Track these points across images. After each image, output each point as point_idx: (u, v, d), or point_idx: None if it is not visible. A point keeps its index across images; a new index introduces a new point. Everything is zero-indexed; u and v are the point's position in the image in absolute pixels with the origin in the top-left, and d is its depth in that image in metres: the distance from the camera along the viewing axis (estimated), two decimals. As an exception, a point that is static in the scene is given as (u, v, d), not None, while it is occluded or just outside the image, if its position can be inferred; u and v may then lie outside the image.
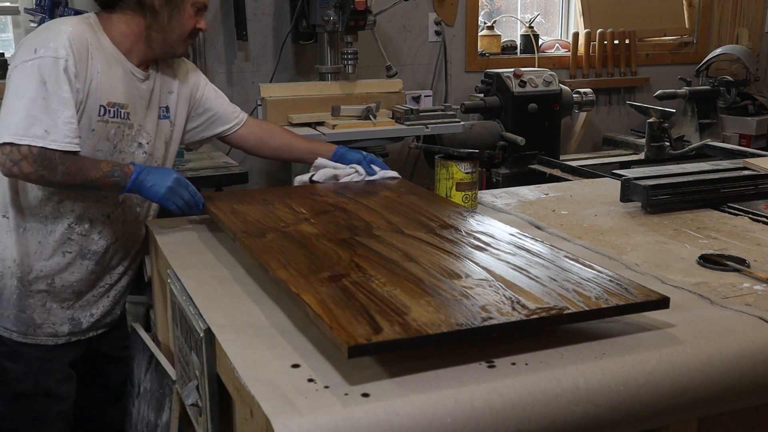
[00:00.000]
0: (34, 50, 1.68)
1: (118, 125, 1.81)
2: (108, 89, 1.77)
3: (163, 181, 1.75)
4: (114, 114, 1.79)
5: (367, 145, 2.98)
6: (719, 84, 4.09)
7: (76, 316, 1.93)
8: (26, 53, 1.69)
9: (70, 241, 1.85)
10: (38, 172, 1.66)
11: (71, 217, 1.84)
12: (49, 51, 1.68)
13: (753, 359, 1.22)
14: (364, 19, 3.05)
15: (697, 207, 2.02)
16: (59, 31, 1.72)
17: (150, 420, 1.78)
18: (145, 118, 1.88)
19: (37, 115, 1.64)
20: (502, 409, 1.06)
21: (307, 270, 1.35)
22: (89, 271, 1.91)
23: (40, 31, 1.76)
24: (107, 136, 1.80)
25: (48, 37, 1.71)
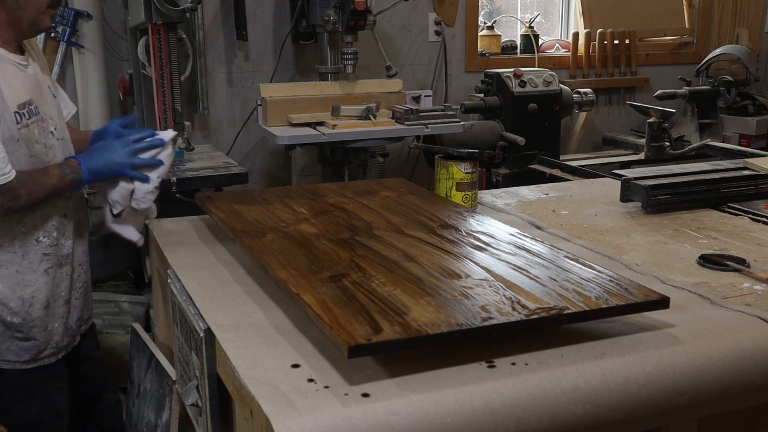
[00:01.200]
0: None
1: (37, 123, 1.70)
2: (10, 92, 1.63)
3: (109, 151, 1.70)
4: (29, 115, 1.67)
5: (367, 145, 2.98)
6: (719, 84, 4.09)
7: (69, 324, 1.85)
8: None
9: (45, 257, 1.75)
10: (4, 205, 1.59)
11: (36, 232, 1.74)
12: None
13: (753, 359, 1.22)
14: (364, 19, 3.05)
15: (697, 207, 2.02)
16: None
17: (150, 420, 1.78)
18: (46, 104, 1.76)
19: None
20: (502, 409, 1.06)
21: (307, 270, 1.35)
22: (69, 275, 1.83)
23: None
24: (35, 139, 1.69)
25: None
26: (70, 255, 1.82)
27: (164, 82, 2.78)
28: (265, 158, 3.56)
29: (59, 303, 1.80)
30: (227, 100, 3.50)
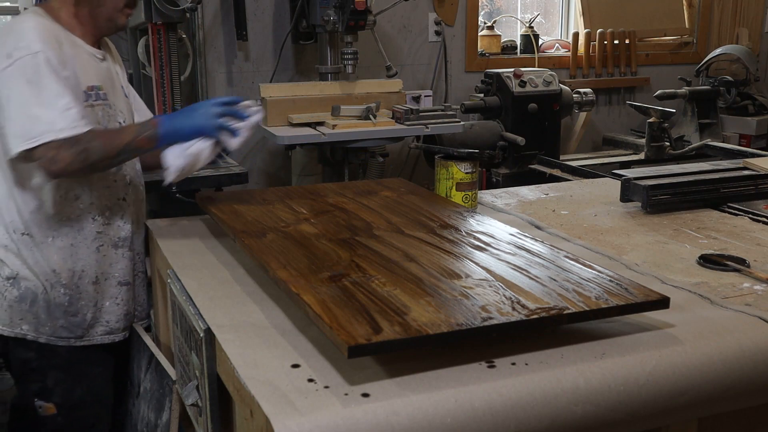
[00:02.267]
0: (8, 56, 1.64)
1: (102, 107, 1.79)
2: (83, 73, 1.74)
3: (193, 111, 1.68)
4: (95, 97, 1.77)
5: (367, 145, 2.98)
6: (719, 84, 4.09)
7: (128, 309, 1.90)
8: (1, 62, 1.64)
9: (99, 235, 1.82)
10: (79, 156, 1.61)
11: (93, 211, 1.80)
12: (22, 51, 1.63)
13: (753, 359, 1.22)
14: (364, 19, 3.05)
15: (697, 207, 2.02)
16: (23, 29, 1.68)
17: (150, 420, 1.78)
18: (116, 97, 1.87)
19: (36, 114, 1.61)
20: (502, 409, 1.06)
21: (307, 270, 1.35)
22: (128, 259, 1.88)
23: (4, 37, 1.69)
24: (97, 120, 1.77)
25: (16, 38, 1.67)
26: (129, 239, 1.89)
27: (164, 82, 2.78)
28: (265, 158, 3.56)
29: (111, 283, 1.86)
30: (227, 100, 3.49)
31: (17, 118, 1.63)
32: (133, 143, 1.66)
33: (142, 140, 1.66)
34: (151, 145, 1.67)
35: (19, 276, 1.78)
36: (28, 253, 1.77)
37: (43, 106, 1.62)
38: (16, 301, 1.78)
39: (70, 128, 1.61)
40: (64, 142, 1.61)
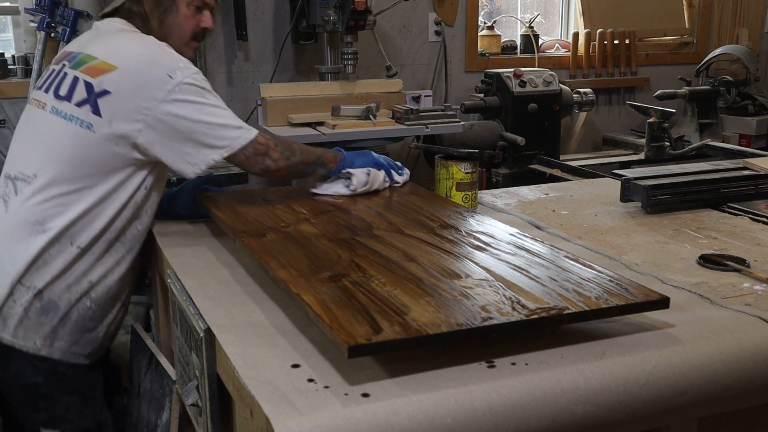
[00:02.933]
0: (169, 76, 1.59)
1: None
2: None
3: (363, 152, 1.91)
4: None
5: (367, 145, 2.98)
6: (719, 84, 4.09)
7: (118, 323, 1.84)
8: (161, 84, 1.58)
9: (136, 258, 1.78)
10: (284, 154, 1.70)
11: (142, 235, 1.76)
12: (185, 70, 1.61)
13: (753, 359, 1.22)
14: (364, 19, 3.05)
15: (697, 207, 2.01)
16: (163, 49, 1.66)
17: (150, 420, 1.78)
18: None
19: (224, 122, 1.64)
20: (502, 409, 1.06)
21: (307, 270, 1.35)
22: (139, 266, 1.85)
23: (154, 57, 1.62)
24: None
25: (165, 58, 1.63)
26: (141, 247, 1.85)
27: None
28: (265, 158, 3.56)
29: (121, 298, 1.81)
30: (227, 100, 3.47)
31: (206, 130, 1.61)
32: (323, 157, 1.79)
33: (329, 158, 1.81)
34: (333, 165, 1.82)
35: (45, 287, 1.65)
36: (67, 264, 1.66)
37: (223, 116, 1.64)
38: (36, 314, 1.66)
39: (254, 128, 1.68)
40: (267, 139, 1.68)
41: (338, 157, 1.83)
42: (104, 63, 1.62)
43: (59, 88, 1.67)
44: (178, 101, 1.59)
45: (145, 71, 1.59)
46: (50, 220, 1.63)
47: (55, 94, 1.67)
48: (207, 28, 1.80)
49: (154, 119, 1.59)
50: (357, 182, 1.84)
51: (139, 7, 1.74)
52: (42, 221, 1.63)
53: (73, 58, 1.70)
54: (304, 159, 1.75)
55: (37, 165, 1.64)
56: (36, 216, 1.63)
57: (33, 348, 1.67)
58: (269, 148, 1.69)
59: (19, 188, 1.65)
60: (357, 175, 1.84)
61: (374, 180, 1.87)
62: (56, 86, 1.68)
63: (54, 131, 1.65)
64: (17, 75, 3.33)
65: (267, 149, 1.68)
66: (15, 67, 3.35)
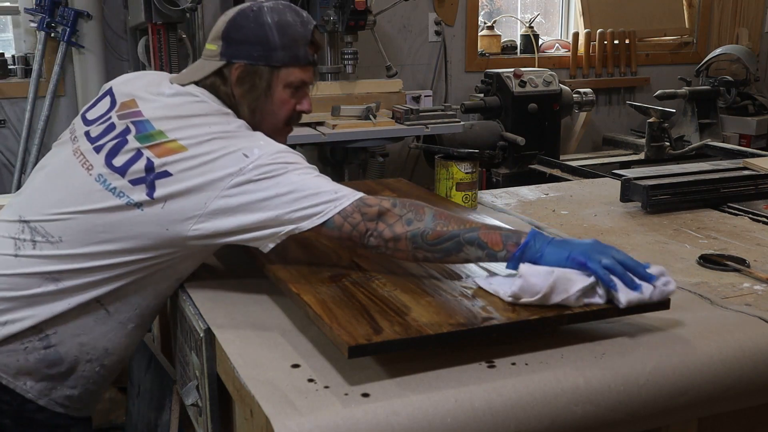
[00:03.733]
0: (245, 155, 1.30)
1: None
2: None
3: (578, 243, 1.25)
4: None
5: (367, 145, 2.98)
6: (719, 84, 4.09)
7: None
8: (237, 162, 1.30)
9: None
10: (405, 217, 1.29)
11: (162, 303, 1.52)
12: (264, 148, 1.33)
13: (753, 359, 1.22)
14: (364, 19, 3.05)
15: (697, 207, 2.01)
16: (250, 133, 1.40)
17: (150, 420, 1.78)
18: None
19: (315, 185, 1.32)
20: (502, 409, 1.06)
21: (307, 270, 1.35)
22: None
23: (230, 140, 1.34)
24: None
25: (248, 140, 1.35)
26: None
27: (164, 82, 2.78)
28: (265, 158, 3.55)
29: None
30: (227, 100, 3.49)
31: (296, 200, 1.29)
32: (477, 231, 1.26)
33: (494, 236, 1.26)
34: (499, 249, 1.25)
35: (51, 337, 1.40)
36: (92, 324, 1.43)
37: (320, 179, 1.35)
38: (36, 360, 1.41)
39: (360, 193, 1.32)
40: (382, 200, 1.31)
41: (514, 239, 1.25)
42: (176, 143, 1.34)
43: (115, 155, 1.37)
44: (251, 182, 1.29)
45: (217, 152, 1.32)
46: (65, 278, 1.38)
47: (107, 161, 1.37)
48: (304, 111, 1.51)
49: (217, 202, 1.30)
50: (521, 288, 1.18)
51: (226, 87, 1.45)
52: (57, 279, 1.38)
53: (142, 127, 1.38)
54: (438, 228, 1.28)
55: (66, 231, 1.37)
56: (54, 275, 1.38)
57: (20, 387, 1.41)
58: (384, 209, 1.30)
59: (38, 245, 1.38)
60: (528, 276, 1.18)
61: (556, 289, 1.17)
62: (111, 151, 1.38)
63: (96, 202, 1.36)
64: (17, 75, 3.33)
65: (381, 212, 1.30)
66: (15, 67, 3.35)
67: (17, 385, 1.41)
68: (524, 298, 1.18)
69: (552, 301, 1.17)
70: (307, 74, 1.47)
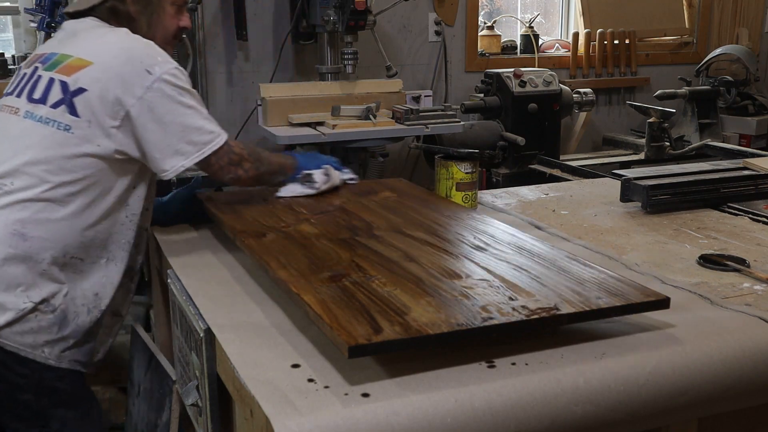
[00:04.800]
0: (147, 71, 1.52)
1: None
2: None
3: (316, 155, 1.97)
4: None
5: (367, 145, 2.98)
6: (719, 84, 4.09)
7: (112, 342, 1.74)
8: (139, 80, 1.51)
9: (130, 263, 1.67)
10: (254, 163, 1.68)
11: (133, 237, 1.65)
12: (164, 65, 1.54)
13: (753, 359, 1.22)
14: (364, 19, 3.05)
15: (697, 207, 2.01)
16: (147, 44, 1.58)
17: (150, 420, 1.78)
18: None
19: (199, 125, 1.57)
20: (502, 409, 1.06)
21: (307, 270, 1.35)
22: (129, 290, 1.74)
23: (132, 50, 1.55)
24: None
25: (146, 53, 1.55)
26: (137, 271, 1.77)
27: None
28: (265, 158, 3.56)
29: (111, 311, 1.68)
30: (227, 100, 3.50)
31: (180, 131, 1.54)
32: (284, 165, 1.82)
33: (288, 164, 1.83)
34: (291, 172, 1.84)
35: (53, 300, 1.52)
36: (72, 276, 1.55)
37: (200, 116, 1.58)
38: (46, 326, 1.52)
39: (226, 133, 1.62)
40: (241, 148, 1.65)
41: (294, 164, 1.85)
42: (79, 60, 1.54)
43: (33, 91, 1.57)
44: (154, 99, 1.51)
45: (122, 65, 1.52)
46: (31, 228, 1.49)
47: (29, 97, 1.56)
48: (186, 27, 1.76)
49: (130, 116, 1.51)
50: (321, 181, 1.88)
51: (124, 6, 1.64)
52: (23, 233, 1.48)
53: (46, 59, 1.60)
54: (270, 168, 1.75)
55: (13, 173, 1.50)
56: (16, 226, 1.48)
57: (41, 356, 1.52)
58: (243, 158, 1.65)
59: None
60: (317, 174, 1.88)
61: (334, 177, 1.92)
62: (29, 90, 1.58)
63: (29, 136, 1.52)
64: (17, 75, 3.33)
65: (241, 159, 1.65)
66: (15, 67, 3.35)
67: (37, 354, 1.52)
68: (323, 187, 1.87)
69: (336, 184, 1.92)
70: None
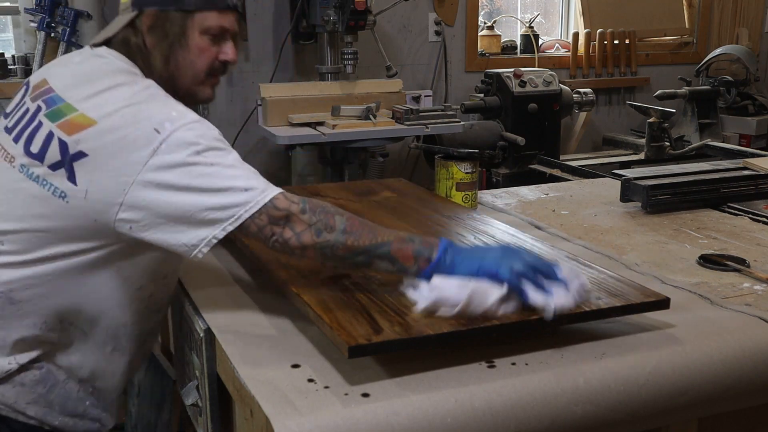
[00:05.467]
0: (155, 131, 1.19)
1: None
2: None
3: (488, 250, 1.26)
4: None
5: (367, 145, 2.98)
6: (719, 84, 4.09)
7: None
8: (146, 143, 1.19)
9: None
10: (314, 226, 1.21)
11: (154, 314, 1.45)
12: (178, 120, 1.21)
13: (753, 359, 1.22)
14: (364, 19, 3.05)
15: (697, 207, 2.01)
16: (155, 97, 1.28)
17: (150, 420, 1.78)
18: None
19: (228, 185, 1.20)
20: (502, 409, 1.06)
21: (307, 270, 1.35)
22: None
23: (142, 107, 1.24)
24: None
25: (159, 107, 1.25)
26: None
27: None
28: (265, 158, 3.56)
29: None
30: (227, 100, 3.50)
31: (200, 199, 1.19)
32: (393, 247, 1.21)
33: (408, 252, 1.21)
34: (411, 264, 1.21)
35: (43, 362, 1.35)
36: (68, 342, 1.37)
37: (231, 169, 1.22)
38: (32, 384, 1.34)
39: (276, 189, 1.23)
40: (292, 203, 1.22)
41: (424, 254, 1.21)
42: (83, 116, 1.24)
43: (31, 141, 1.28)
44: (163, 163, 1.19)
45: (128, 126, 1.21)
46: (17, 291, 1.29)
47: (26, 149, 1.28)
48: (228, 60, 1.39)
49: (135, 191, 1.20)
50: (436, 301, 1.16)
51: (137, 38, 1.35)
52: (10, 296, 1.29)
53: (51, 102, 1.30)
54: (349, 242, 1.21)
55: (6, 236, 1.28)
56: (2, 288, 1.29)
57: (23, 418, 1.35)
58: (291, 215, 1.21)
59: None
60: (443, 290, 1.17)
61: (473, 302, 1.15)
62: (28, 138, 1.29)
63: (22, 194, 1.28)
64: (17, 75, 3.33)
65: (288, 218, 1.21)
66: (15, 67, 3.35)
67: (19, 415, 1.34)
68: (441, 311, 1.15)
69: (471, 314, 1.15)
70: (227, 20, 1.36)
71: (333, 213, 1.23)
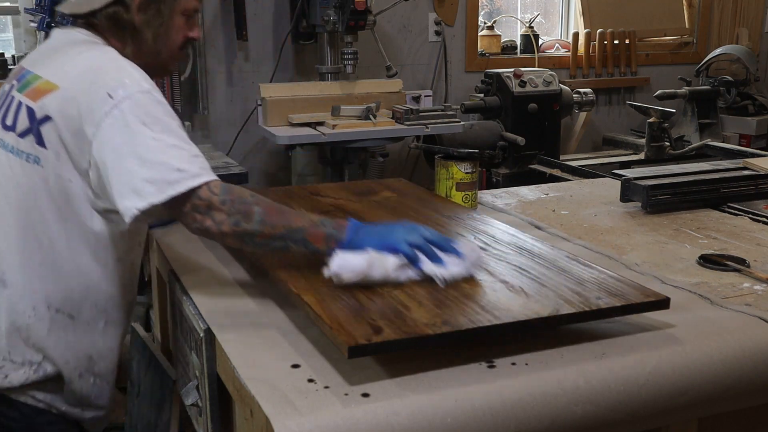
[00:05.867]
0: (109, 95, 1.28)
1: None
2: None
3: (388, 227, 1.34)
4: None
5: (367, 145, 2.98)
6: (719, 84, 4.09)
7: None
8: (100, 107, 1.28)
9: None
10: (232, 217, 1.26)
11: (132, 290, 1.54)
12: (130, 88, 1.29)
13: (753, 359, 1.22)
14: (364, 19, 3.05)
15: (697, 207, 2.01)
16: (119, 65, 1.36)
17: (150, 420, 1.78)
18: None
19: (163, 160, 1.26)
20: (502, 409, 1.06)
21: (307, 270, 1.35)
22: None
23: (98, 71, 1.33)
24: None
25: (114, 74, 1.32)
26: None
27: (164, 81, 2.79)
28: (265, 158, 3.56)
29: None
30: (227, 100, 3.50)
31: (139, 168, 1.25)
32: (306, 231, 1.29)
33: (320, 234, 1.29)
34: (322, 245, 1.29)
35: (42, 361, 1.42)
36: (59, 334, 1.41)
37: (170, 148, 1.28)
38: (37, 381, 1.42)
39: (208, 175, 1.29)
40: (214, 194, 1.27)
41: (331, 236, 1.30)
42: (47, 83, 1.35)
43: (6, 115, 1.39)
44: (111, 127, 1.27)
45: (86, 90, 1.30)
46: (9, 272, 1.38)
47: (3, 122, 1.39)
48: (194, 38, 1.51)
49: (93, 150, 1.29)
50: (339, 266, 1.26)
51: (128, 15, 1.41)
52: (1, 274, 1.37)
53: (22, 77, 1.42)
54: (266, 230, 1.28)
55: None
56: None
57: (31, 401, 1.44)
58: (212, 206, 1.26)
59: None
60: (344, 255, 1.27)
61: (374, 266, 1.26)
62: (4, 112, 1.41)
63: (8, 172, 1.37)
64: (17, 75, 3.33)
65: (209, 207, 1.27)
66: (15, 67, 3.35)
67: (27, 398, 1.42)
68: (345, 276, 1.24)
69: (372, 277, 1.25)
70: (199, 2, 1.51)
71: (251, 203, 1.29)
